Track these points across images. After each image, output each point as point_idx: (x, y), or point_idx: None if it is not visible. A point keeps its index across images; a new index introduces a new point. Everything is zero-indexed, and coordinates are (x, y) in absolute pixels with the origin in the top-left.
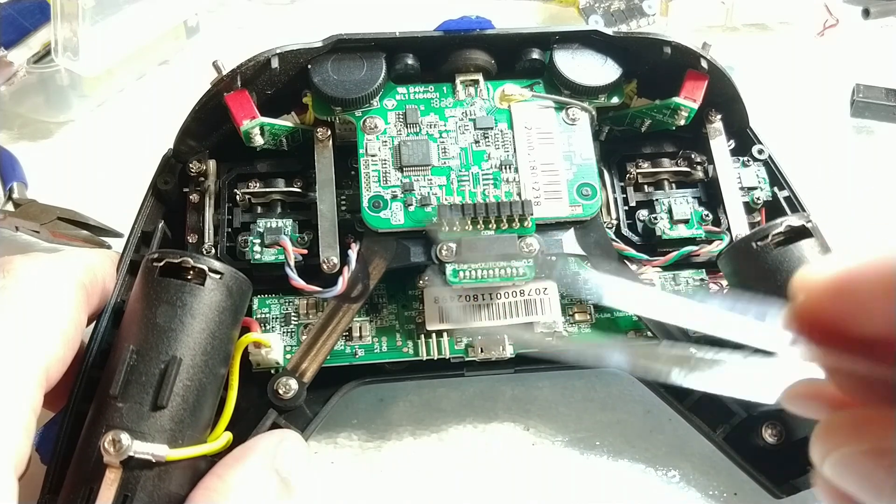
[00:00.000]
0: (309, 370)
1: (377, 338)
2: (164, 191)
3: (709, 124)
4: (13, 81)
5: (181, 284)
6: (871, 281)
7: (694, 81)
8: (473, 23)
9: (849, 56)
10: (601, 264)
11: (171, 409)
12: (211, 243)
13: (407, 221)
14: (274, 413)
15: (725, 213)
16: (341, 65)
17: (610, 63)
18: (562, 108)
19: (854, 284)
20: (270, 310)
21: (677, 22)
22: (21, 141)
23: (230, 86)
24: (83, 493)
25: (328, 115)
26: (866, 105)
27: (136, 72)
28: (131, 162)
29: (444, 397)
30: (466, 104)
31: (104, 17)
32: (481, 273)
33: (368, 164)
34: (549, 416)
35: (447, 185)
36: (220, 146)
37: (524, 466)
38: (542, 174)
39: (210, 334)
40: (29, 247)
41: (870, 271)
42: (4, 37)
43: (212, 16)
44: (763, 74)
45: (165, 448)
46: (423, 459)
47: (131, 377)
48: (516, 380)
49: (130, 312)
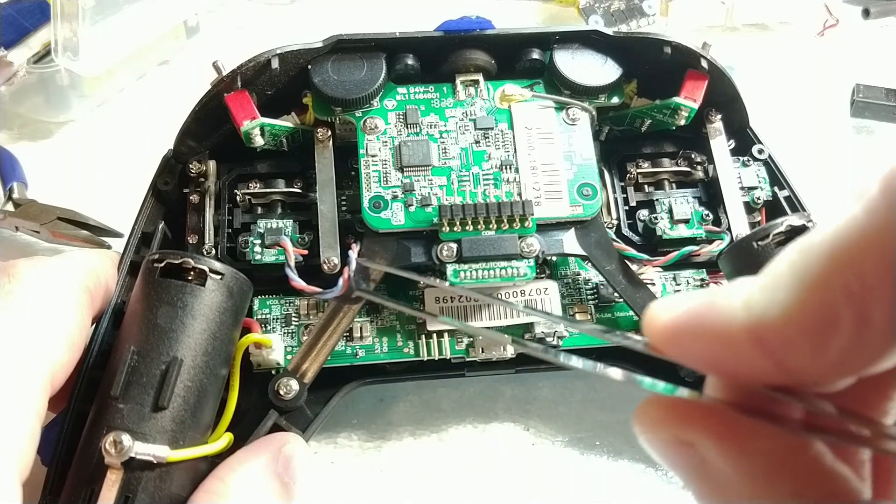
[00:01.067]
0: (310, 371)
1: (378, 338)
2: (164, 191)
3: (709, 124)
4: (13, 81)
5: (182, 285)
6: (690, 327)
7: (694, 81)
8: (473, 23)
9: (849, 56)
10: (602, 264)
11: (172, 409)
12: (211, 244)
13: (407, 222)
14: (275, 414)
15: (726, 212)
16: (341, 65)
17: (610, 63)
18: (562, 108)
19: (679, 330)
20: (271, 310)
21: (677, 22)
22: (21, 141)
23: (230, 86)
24: (84, 494)
25: (328, 116)
26: (866, 105)
27: (136, 72)
28: (131, 162)
29: (444, 397)
30: (467, 104)
31: (104, 17)
32: (482, 273)
33: (369, 165)
34: (549, 416)
35: (448, 185)
36: (220, 147)
37: (524, 466)
38: (543, 174)
39: (211, 335)
40: (29, 247)
41: (690, 317)
42: (4, 37)
43: (212, 16)
44: (763, 74)
45: (166, 449)
46: (423, 459)
47: (132, 378)
48: (516, 380)
49: (131, 313)
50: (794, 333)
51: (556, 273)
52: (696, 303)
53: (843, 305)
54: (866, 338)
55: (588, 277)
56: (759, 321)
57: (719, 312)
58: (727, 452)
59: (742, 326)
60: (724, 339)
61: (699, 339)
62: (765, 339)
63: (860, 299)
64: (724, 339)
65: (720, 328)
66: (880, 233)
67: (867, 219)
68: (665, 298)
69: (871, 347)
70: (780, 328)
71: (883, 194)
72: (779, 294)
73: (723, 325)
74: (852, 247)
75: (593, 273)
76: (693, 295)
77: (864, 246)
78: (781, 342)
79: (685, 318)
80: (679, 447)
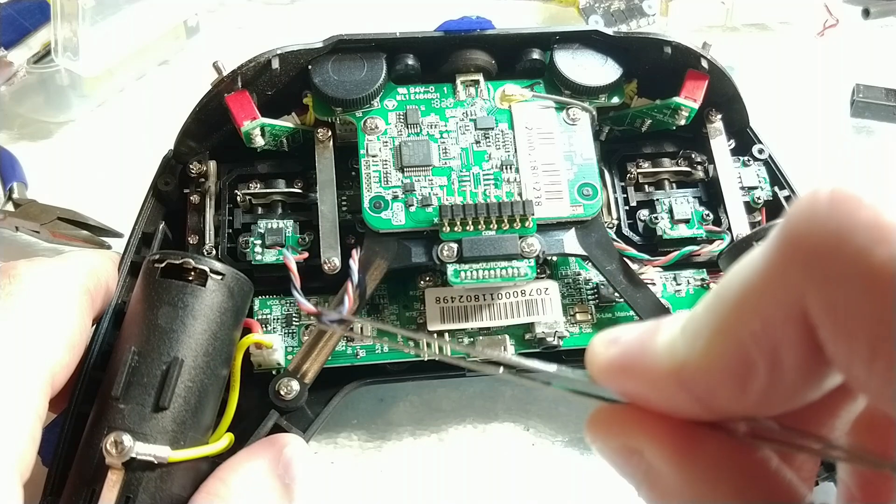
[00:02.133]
0: (310, 371)
1: (378, 338)
2: (164, 192)
3: (709, 124)
4: (13, 81)
5: (183, 285)
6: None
7: (694, 81)
8: (474, 23)
9: (849, 56)
10: (602, 264)
11: (172, 410)
12: (212, 244)
13: (408, 222)
14: (276, 414)
15: (726, 212)
16: (342, 65)
17: (610, 63)
18: (562, 108)
19: (614, 368)
20: (271, 311)
21: (677, 22)
22: (21, 141)
23: (231, 86)
24: (85, 494)
25: (329, 116)
26: (866, 105)
27: (136, 72)
28: (131, 162)
29: (444, 397)
30: (467, 104)
31: (104, 17)
32: (482, 273)
33: (369, 165)
34: (549, 416)
35: (448, 185)
36: (220, 147)
37: (524, 466)
38: (543, 174)
39: (212, 335)
40: (29, 247)
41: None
42: (4, 37)
43: (212, 16)
44: (763, 74)
45: (167, 449)
46: (423, 459)
47: (133, 378)
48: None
49: (132, 314)
50: (714, 379)
51: (557, 273)
52: (630, 340)
53: (754, 351)
54: (781, 380)
55: (588, 277)
56: (681, 367)
57: (646, 355)
58: (671, 458)
59: (666, 371)
60: (652, 382)
61: (631, 379)
62: (687, 384)
63: (768, 344)
64: (652, 381)
65: (647, 371)
66: (779, 278)
67: (766, 264)
68: (606, 332)
69: (788, 387)
70: (701, 374)
71: (780, 240)
72: (698, 341)
73: (649, 368)
74: (755, 293)
75: (594, 273)
76: (629, 330)
77: (766, 291)
78: (703, 387)
79: (619, 358)
80: (628, 454)
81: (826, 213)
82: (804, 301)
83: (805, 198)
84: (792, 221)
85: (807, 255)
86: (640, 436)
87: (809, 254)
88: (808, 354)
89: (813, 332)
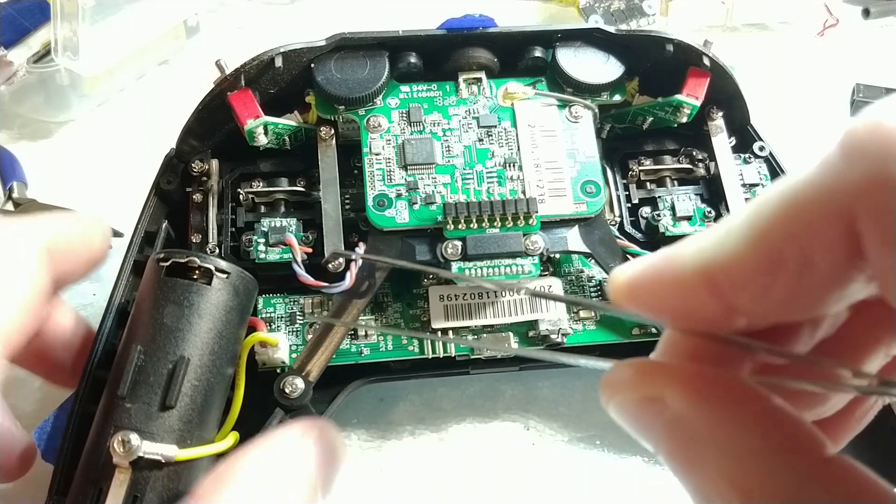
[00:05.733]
0: (315, 369)
1: (382, 336)
2: (166, 191)
3: (710, 121)
4: (13, 81)
5: (188, 284)
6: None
7: (696, 79)
8: (476, 21)
9: (849, 56)
10: (606, 261)
11: (179, 409)
12: (215, 243)
13: (412, 220)
14: (280, 412)
15: (728, 209)
16: (344, 64)
17: (612, 61)
18: (565, 105)
19: (638, 284)
20: (275, 309)
21: (677, 22)
22: (21, 141)
23: (234, 85)
24: (92, 494)
25: (331, 114)
26: (866, 105)
27: (136, 72)
28: (131, 162)
29: (444, 397)
30: (470, 102)
31: (104, 17)
32: (486, 271)
33: (372, 163)
34: (549, 416)
35: (451, 183)
36: (222, 146)
37: (524, 466)
38: (546, 172)
39: (217, 334)
40: None
41: (647, 271)
42: (4, 37)
43: (212, 16)
44: (763, 75)
45: (175, 448)
46: (423, 459)
47: (139, 377)
48: (516, 379)
49: (137, 312)
50: (741, 274)
51: (560, 270)
52: (654, 258)
53: (788, 250)
54: (809, 282)
55: (591, 274)
56: (709, 264)
57: (674, 261)
58: (696, 401)
59: (694, 270)
60: (678, 284)
61: (655, 289)
62: (714, 281)
63: (804, 245)
64: (678, 284)
65: (674, 274)
66: (834, 180)
67: (823, 167)
68: (627, 262)
69: (814, 292)
70: (728, 269)
71: (844, 143)
72: (729, 239)
73: (677, 272)
74: (802, 198)
75: (597, 270)
76: (654, 254)
77: (814, 197)
78: (729, 283)
79: (643, 273)
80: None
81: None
82: (855, 206)
83: (874, 107)
84: (860, 126)
85: (870, 159)
86: (663, 382)
87: (873, 158)
88: (840, 261)
89: (853, 239)
